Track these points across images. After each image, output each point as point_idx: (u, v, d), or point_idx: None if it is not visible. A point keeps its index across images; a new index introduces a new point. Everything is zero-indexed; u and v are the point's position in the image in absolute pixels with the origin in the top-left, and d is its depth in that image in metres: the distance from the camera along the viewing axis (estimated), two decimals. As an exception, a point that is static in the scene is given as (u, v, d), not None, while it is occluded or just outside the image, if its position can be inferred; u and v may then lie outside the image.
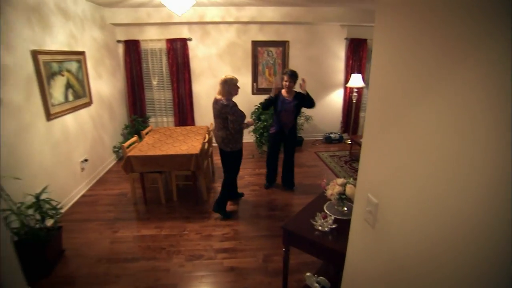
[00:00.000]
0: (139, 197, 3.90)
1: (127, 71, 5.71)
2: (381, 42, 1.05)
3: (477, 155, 0.66)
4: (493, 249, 0.63)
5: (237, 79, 3.22)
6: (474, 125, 0.67)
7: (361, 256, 1.23)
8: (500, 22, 0.60)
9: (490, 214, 0.63)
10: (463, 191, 0.70)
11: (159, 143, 3.89)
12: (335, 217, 1.88)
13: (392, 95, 0.99)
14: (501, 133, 0.60)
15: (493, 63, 0.62)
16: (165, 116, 6.20)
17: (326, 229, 1.78)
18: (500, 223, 0.61)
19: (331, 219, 1.80)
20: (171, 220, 3.45)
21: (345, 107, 6.62)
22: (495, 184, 0.62)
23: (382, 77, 1.06)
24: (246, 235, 3.18)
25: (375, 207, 1.06)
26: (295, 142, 4.10)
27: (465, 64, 0.69)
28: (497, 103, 0.61)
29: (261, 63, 6.18)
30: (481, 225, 0.66)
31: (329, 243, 1.73)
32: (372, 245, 1.12)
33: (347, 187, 1.88)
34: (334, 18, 5.68)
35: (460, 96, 0.71)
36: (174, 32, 5.72)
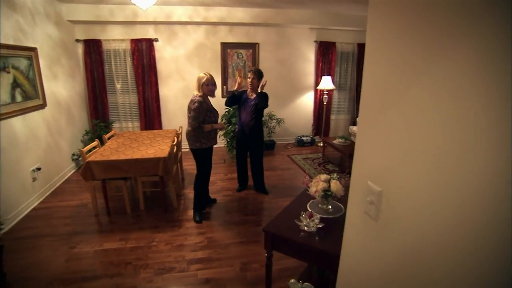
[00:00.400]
0: (101, 207, 3.54)
1: (87, 73, 5.28)
2: (375, 25, 0.94)
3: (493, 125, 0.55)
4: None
5: (209, 79, 3.09)
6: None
7: (360, 255, 1.09)
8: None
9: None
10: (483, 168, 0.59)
11: (123, 147, 3.57)
12: (321, 216, 1.75)
13: (390, 74, 0.88)
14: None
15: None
16: (130, 121, 5.82)
17: (312, 229, 1.64)
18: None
19: (317, 218, 1.66)
20: (138, 231, 3.14)
21: (316, 109, 6.65)
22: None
23: (378, 56, 0.94)
24: (221, 243, 2.97)
25: (378, 195, 0.93)
26: (259, 144, 3.93)
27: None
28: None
29: (231, 66, 6.04)
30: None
31: (317, 244, 1.59)
32: (375, 240, 0.98)
33: (332, 183, 1.76)
34: (303, 20, 5.70)
35: (453, 69, 0.60)
36: (139, 32, 5.41)
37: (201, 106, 3.01)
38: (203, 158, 3.28)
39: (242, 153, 4.01)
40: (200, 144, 3.17)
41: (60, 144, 4.42)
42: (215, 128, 3.20)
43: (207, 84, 3.08)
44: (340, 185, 1.79)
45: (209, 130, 3.15)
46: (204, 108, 3.04)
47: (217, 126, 3.21)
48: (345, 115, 6.97)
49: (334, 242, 1.58)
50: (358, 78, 6.65)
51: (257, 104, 3.64)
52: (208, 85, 3.08)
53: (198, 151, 3.21)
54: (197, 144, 3.17)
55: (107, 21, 5.05)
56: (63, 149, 4.52)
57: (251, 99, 3.72)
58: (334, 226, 1.72)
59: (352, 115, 6.93)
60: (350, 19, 5.93)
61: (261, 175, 4.09)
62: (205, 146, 3.19)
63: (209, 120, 3.13)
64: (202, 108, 3.03)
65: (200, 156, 3.25)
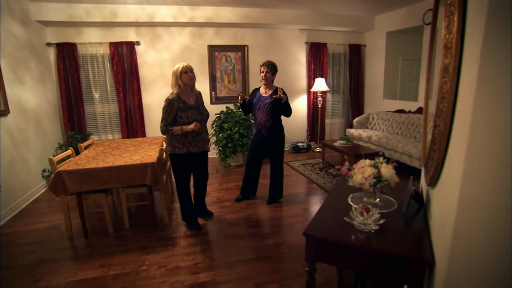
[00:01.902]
0: (76, 228, 2.95)
1: (61, 80, 4.74)
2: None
3: None
4: None
5: (186, 67, 2.70)
6: None
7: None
8: None
9: None
10: None
11: (103, 155, 3.04)
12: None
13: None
14: None
15: None
16: (110, 133, 5.26)
17: (371, 228, 1.20)
18: None
19: (376, 213, 1.23)
20: (123, 254, 2.58)
21: (310, 114, 6.33)
22: None
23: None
24: (226, 262, 2.45)
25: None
26: (279, 148, 3.47)
27: None
28: None
29: (219, 70, 5.66)
30: None
31: (387, 246, 1.14)
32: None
33: (383, 168, 1.34)
34: (293, 20, 5.46)
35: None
36: (119, 35, 4.97)
37: (169, 105, 2.63)
38: (178, 165, 2.79)
39: (256, 158, 3.51)
40: (173, 149, 2.73)
41: (27, 158, 3.81)
42: (186, 131, 2.67)
43: (185, 72, 2.66)
44: (393, 170, 1.37)
45: (183, 133, 2.68)
46: (173, 108, 2.64)
47: (188, 128, 2.66)
48: (339, 119, 6.69)
49: (409, 243, 1.16)
50: (351, 80, 6.42)
51: (285, 113, 3.29)
52: (187, 72, 2.67)
53: (171, 156, 2.77)
54: (169, 148, 2.76)
55: (82, 22, 4.59)
56: (31, 164, 3.90)
57: (265, 96, 3.29)
58: (395, 223, 1.30)
59: (347, 118, 6.65)
60: (340, 19, 5.75)
61: (282, 183, 3.62)
62: (179, 151, 2.72)
63: (181, 121, 2.68)
64: (171, 108, 2.63)
65: (175, 163, 2.78)
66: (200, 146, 2.82)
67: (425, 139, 1.50)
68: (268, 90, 3.33)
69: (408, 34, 5.75)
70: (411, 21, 5.18)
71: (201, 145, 2.82)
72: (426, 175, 1.34)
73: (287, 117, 3.38)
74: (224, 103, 5.65)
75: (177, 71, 2.67)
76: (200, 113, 2.79)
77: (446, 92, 0.95)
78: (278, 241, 2.78)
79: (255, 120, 3.41)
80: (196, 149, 2.79)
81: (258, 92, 3.39)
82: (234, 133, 4.91)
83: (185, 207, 2.97)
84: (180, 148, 2.72)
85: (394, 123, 5.45)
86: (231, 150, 4.97)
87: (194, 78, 2.74)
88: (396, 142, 4.66)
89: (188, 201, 2.96)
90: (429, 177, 1.19)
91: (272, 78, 3.31)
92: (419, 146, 4.30)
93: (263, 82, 3.30)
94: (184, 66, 2.68)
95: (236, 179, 4.57)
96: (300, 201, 3.72)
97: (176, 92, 2.69)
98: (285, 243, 2.73)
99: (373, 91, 6.39)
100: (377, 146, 5.08)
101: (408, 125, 5.12)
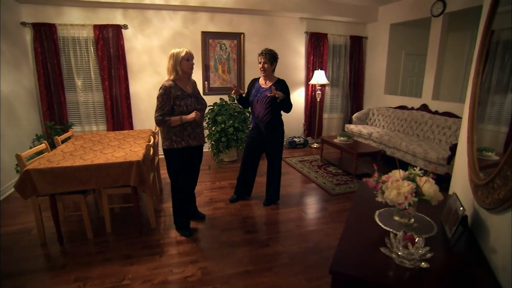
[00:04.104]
0: (50, 232, 2.62)
1: (38, 65, 4.30)
2: None
3: None
4: None
5: (189, 54, 2.42)
6: None
7: None
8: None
9: None
10: None
11: (81, 150, 2.69)
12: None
13: None
14: None
15: None
16: (94, 124, 4.86)
17: (416, 264, 0.93)
18: None
19: (421, 244, 0.95)
20: (103, 265, 2.26)
21: (308, 108, 6.04)
22: None
23: None
24: (221, 275, 2.17)
25: None
26: (278, 144, 3.19)
27: None
28: None
29: (213, 58, 5.29)
30: None
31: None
32: None
33: (423, 181, 1.07)
34: (293, 7, 5.12)
35: None
36: (105, 17, 4.54)
37: (166, 93, 2.33)
38: (175, 162, 2.50)
39: (253, 155, 3.22)
40: (170, 143, 2.44)
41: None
42: (186, 121, 2.40)
43: (187, 59, 2.39)
44: (436, 186, 1.10)
45: (181, 124, 2.41)
46: (170, 96, 2.34)
47: (188, 117, 2.39)
48: (338, 114, 6.43)
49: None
50: (351, 73, 6.14)
51: (285, 109, 3.02)
52: (189, 59, 2.41)
53: (168, 151, 2.47)
54: (166, 142, 2.46)
55: (62, 1, 4.14)
56: (3, 158, 3.51)
57: (265, 88, 2.98)
58: (442, 255, 1.03)
59: (345, 113, 6.40)
60: (342, 8, 5.43)
61: (279, 184, 3.34)
62: (177, 145, 2.44)
63: (179, 110, 2.39)
64: (168, 95, 2.33)
65: (171, 159, 2.50)
66: (200, 139, 2.58)
67: (472, 147, 1.23)
68: (268, 82, 3.02)
69: (413, 26, 5.49)
70: (418, 13, 4.90)
71: (200, 137, 2.58)
72: (480, 193, 1.07)
73: (286, 113, 3.09)
74: (217, 94, 5.30)
75: (177, 56, 2.37)
76: (199, 102, 2.53)
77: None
78: (278, 249, 2.51)
79: (252, 113, 3.11)
80: (195, 142, 2.53)
81: (257, 83, 3.08)
82: (229, 127, 4.59)
83: (180, 210, 2.68)
84: (178, 142, 2.44)
85: (395, 120, 5.22)
86: (225, 145, 4.66)
87: (193, 67, 2.49)
88: (399, 140, 4.42)
89: (185, 203, 2.70)
90: (493, 200, 0.91)
91: (272, 68, 3.00)
92: (424, 146, 4.07)
93: (262, 74, 2.99)
94: (187, 52, 2.40)
95: (230, 176, 4.27)
96: (299, 203, 3.46)
97: (172, 78, 2.39)
98: (286, 253, 2.47)
99: (373, 85, 6.13)
100: (378, 144, 4.85)
101: (410, 122, 4.89)
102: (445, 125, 4.29)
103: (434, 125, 4.47)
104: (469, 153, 1.23)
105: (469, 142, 1.26)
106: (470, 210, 1.20)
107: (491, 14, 1.23)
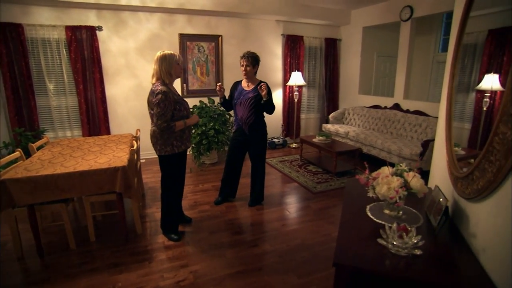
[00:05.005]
0: (29, 245, 2.49)
1: (4, 67, 4.05)
2: None
3: None
4: None
5: (180, 58, 2.44)
6: None
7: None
8: None
9: None
10: None
11: (61, 157, 2.59)
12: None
13: None
14: None
15: None
16: (68, 129, 4.66)
17: (409, 252, 1.01)
18: None
19: (414, 234, 1.03)
20: (90, 275, 2.19)
21: (286, 109, 6.16)
22: None
23: None
24: (213, 277, 2.18)
25: None
26: (262, 146, 3.23)
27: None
28: None
29: (191, 61, 5.26)
30: None
31: (432, 275, 0.96)
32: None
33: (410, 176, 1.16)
34: (270, 10, 5.21)
35: None
36: (77, 18, 4.37)
37: (167, 98, 2.28)
38: (175, 166, 2.52)
39: (237, 157, 3.26)
40: (171, 149, 2.42)
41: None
42: (189, 125, 2.48)
43: (178, 63, 2.40)
44: (422, 180, 1.20)
45: (182, 129, 2.43)
46: (171, 100, 2.30)
47: (191, 121, 2.50)
48: (315, 114, 6.61)
49: (463, 270, 0.99)
50: (326, 74, 6.34)
51: (268, 110, 3.04)
52: (179, 63, 2.41)
53: (169, 157, 2.45)
54: (167, 148, 2.41)
55: (30, 0, 3.94)
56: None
57: (247, 90, 3.03)
58: (430, 243, 1.13)
59: (322, 113, 6.59)
60: (317, 11, 5.60)
61: (263, 184, 3.39)
62: (178, 150, 2.46)
63: (179, 114, 2.39)
64: (169, 101, 2.29)
65: (171, 164, 2.49)
66: (190, 140, 2.62)
67: (450, 144, 1.34)
68: (250, 84, 3.07)
69: (384, 30, 5.77)
70: (388, 17, 5.17)
71: (190, 139, 2.61)
72: (460, 185, 1.18)
73: (269, 114, 3.15)
74: (197, 96, 5.28)
75: (171, 59, 2.34)
76: (186, 103, 2.55)
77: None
78: (266, 249, 2.56)
79: (235, 116, 3.14)
80: (190, 144, 2.58)
81: (239, 86, 3.12)
82: (209, 129, 4.58)
83: (172, 215, 2.68)
84: (179, 146, 2.45)
85: (370, 119, 5.46)
86: (206, 148, 4.64)
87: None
88: (375, 138, 4.64)
89: (178, 207, 2.71)
90: (473, 190, 1.02)
91: (254, 70, 3.05)
92: (398, 143, 4.30)
93: (244, 76, 3.04)
94: (179, 56, 2.42)
95: (212, 178, 4.27)
96: (283, 202, 3.53)
97: (167, 82, 2.37)
98: (274, 251, 2.52)
99: (348, 86, 6.37)
100: (355, 142, 5.05)
101: (384, 121, 5.14)
102: (416, 123, 4.56)
103: (406, 123, 4.73)
104: (448, 150, 1.35)
105: (447, 139, 1.38)
106: (451, 201, 1.32)
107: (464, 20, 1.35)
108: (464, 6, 1.34)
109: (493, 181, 0.91)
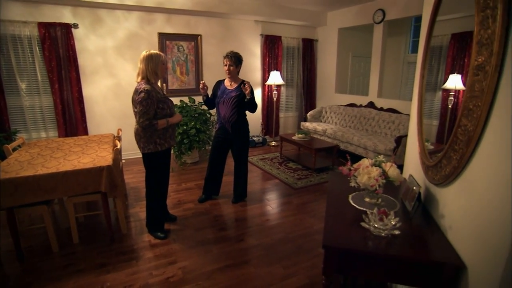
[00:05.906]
0: (8, 250, 2.42)
1: (-29, 67, 3.86)
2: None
3: None
4: None
5: (165, 57, 2.49)
6: None
7: None
8: None
9: None
10: None
11: (40, 158, 2.53)
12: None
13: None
14: None
15: None
16: (43, 130, 4.50)
17: (389, 233, 1.13)
18: None
19: (392, 217, 1.16)
20: (76, 277, 2.18)
21: (265, 107, 6.28)
22: None
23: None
24: (202, 272, 2.24)
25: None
26: (244, 144, 3.31)
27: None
28: None
29: (171, 60, 5.24)
30: None
31: (419, 252, 1.10)
32: None
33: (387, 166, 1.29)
34: (249, 11, 5.29)
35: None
36: (51, 15, 4.23)
37: (150, 97, 2.31)
38: (158, 164, 2.55)
39: (220, 155, 3.32)
40: (154, 146, 2.44)
41: None
42: (172, 124, 2.52)
43: (163, 63, 2.45)
44: (398, 169, 1.33)
45: (165, 127, 2.46)
46: (154, 99, 2.34)
47: (174, 120, 2.54)
48: (293, 113, 6.78)
49: (434, 247, 1.14)
50: (304, 74, 6.52)
51: (250, 109, 3.12)
52: (164, 63, 2.46)
53: (152, 155, 2.47)
54: (150, 146, 2.44)
55: (0, -4, 3.78)
56: None
57: (230, 89, 3.09)
58: (407, 225, 1.28)
59: (300, 112, 6.77)
60: (295, 12, 5.75)
61: (246, 182, 3.48)
62: (161, 148, 2.49)
63: (163, 113, 2.43)
64: (152, 99, 2.32)
65: (154, 162, 2.52)
66: (174, 139, 2.64)
67: (421, 137, 1.49)
68: (233, 83, 3.14)
69: (358, 31, 6.02)
70: (362, 19, 5.41)
71: (174, 138, 2.64)
72: (430, 173, 1.32)
73: (252, 112, 3.24)
74: (177, 96, 5.26)
75: (157, 58, 2.38)
76: (170, 102, 2.58)
77: (479, 91, 0.90)
78: (252, 243, 2.65)
79: (218, 114, 3.20)
80: (173, 143, 2.61)
81: (222, 85, 3.18)
82: (191, 129, 4.59)
83: (158, 213, 2.70)
84: (162, 144, 2.47)
85: (346, 117, 5.68)
86: (187, 147, 4.65)
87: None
88: (351, 135, 4.85)
89: (163, 206, 2.73)
90: (441, 176, 1.16)
91: (237, 70, 3.12)
92: (373, 139, 4.54)
93: (228, 76, 3.11)
94: (165, 57, 2.47)
95: (195, 177, 4.29)
96: (265, 198, 3.63)
97: (152, 81, 2.40)
98: (260, 245, 2.61)
99: (325, 85, 6.59)
100: (333, 139, 5.25)
101: (360, 118, 5.38)
102: (390, 120, 4.82)
103: (380, 120, 4.99)
104: (420, 142, 1.50)
105: (419, 133, 1.53)
106: (423, 187, 1.47)
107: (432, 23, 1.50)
108: (432, 11, 1.49)
109: (458, 167, 1.05)
